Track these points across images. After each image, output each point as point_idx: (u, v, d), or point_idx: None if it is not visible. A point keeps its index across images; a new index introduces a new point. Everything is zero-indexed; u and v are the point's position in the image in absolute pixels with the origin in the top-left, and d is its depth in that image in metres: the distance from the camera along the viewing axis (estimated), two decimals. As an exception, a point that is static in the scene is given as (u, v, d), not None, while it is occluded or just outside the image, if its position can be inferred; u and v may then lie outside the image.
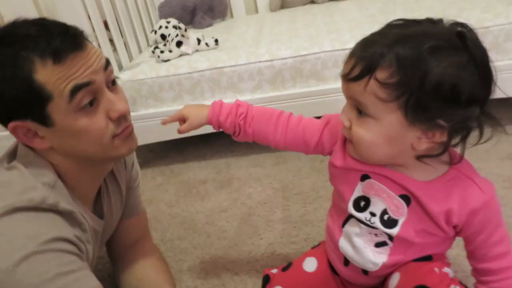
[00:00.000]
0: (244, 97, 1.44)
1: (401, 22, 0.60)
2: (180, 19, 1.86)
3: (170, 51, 1.51)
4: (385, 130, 0.58)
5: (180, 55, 1.53)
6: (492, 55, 1.44)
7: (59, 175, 0.73)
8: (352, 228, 0.71)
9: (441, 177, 0.64)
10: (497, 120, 0.58)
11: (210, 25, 2.02)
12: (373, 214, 0.67)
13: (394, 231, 0.66)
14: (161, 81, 1.44)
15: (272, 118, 0.76)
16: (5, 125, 0.68)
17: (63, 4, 1.29)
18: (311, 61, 1.38)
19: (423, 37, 0.55)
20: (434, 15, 1.54)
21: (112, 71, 0.73)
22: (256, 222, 1.20)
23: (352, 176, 0.69)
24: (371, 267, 0.71)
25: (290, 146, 0.77)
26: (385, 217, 0.67)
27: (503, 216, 1.03)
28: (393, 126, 0.57)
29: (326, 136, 0.73)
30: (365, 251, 0.70)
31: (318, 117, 0.77)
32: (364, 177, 0.68)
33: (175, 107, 1.47)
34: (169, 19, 1.76)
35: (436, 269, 0.67)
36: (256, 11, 2.19)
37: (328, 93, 1.39)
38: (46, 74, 0.64)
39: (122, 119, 0.73)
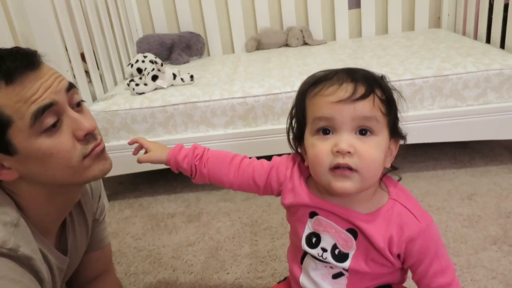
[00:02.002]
0: (217, 132, 1.47)
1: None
2: (157, 55, 1.90)
3: (146, 84, 1.53)
4: (383, 144, 0.63)
5: (155, 89, 1.55)
6: (451, 101, 1.52)
7: (23, 209, 0.69)
8: (309, 264, 0.73)
9: (381, 208, 0.67)
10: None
11: (187, 62, 2.07)
12: (324, 250, 0.69)
13: (345, 265, 0.68)
14: (134, 113, 1.45)
15: (226, 160, 0.79)
16: None
17: (40, 34, 1.30)
18: (283, 99, 1.43)
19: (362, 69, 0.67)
20: (399, 62, 1.64)
21: (76, 93, 0.71)
22: (224, 257, 1.18)
23: (301, 213, 0.72)
24: None
25: (242, 187, 0.79)
26: (336, 251, 0.69)
27: (463, 254, 1.08)
28: (385, 142, 0.64)
29: (273, 177, 0.76)
30: (324, 284, 0.71)
31: (289, 154, 0.79)
32: (312, 214, 0.70)
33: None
34: (146, 54, 1.79)
35: None
36: (233, 51, 2.26)
37: (298, 131, 1.43)
38: (2, 96, 0.62)
39: (90, 137, 0.70)
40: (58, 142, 0.66)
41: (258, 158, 0.79)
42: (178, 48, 2.07)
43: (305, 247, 0.71)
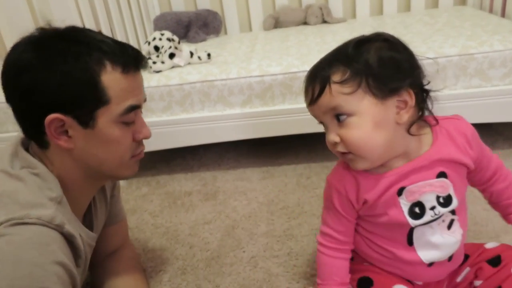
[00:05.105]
0: (234, 111, 1.46)
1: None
2: (174, 33, 1.88)
3: (163, 62, 1.53)
4: (368, 116, 0.65)
5: (172, 67, 1.54)
6: (476, 81, 1.47)
7: (63, 188, 0.72)
8: (423, 234, 0.74)
9: (434, 135, 0.72)
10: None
11: (204, 40, 2.05)
12: (433, 208, 0.72)
13: (455, 203, 0.72)
14: (151, 91, 1.45)
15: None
16: (42, 116, 0.67)
17: (58, 11, 1.30)
18: (301, 78, 1.40)
19: (343, 44, 0.71)
20: (422, 40, 1.59)
21: None
22: (240, 235, 1.19)
23: (386, 198, 0.72)
24: (456, 247, 0.76)
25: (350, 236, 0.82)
26: (441, 200, 0.72)
27: (484, 237, 1.06)
28: (371, 110, 0.65)
29: (346, 204, 0.77)
30: (445, 240, 0.73)
31: (307, 134, 0.81)
32: (400, 191, 0.71)
33: (164, 118, 1.48)
34: (163, 31, 1.77)
35: None
36: (250, 29, 2.23)
37: (316, 111, 1.41)
38: (113, 79, 0.70)
39: (141, 142, 0.81)
40: (126, 135, 0.76)
41: (274, 137, 0.81)
42: (195, 26, 2.04)
43: (415, 223, 0.72)
